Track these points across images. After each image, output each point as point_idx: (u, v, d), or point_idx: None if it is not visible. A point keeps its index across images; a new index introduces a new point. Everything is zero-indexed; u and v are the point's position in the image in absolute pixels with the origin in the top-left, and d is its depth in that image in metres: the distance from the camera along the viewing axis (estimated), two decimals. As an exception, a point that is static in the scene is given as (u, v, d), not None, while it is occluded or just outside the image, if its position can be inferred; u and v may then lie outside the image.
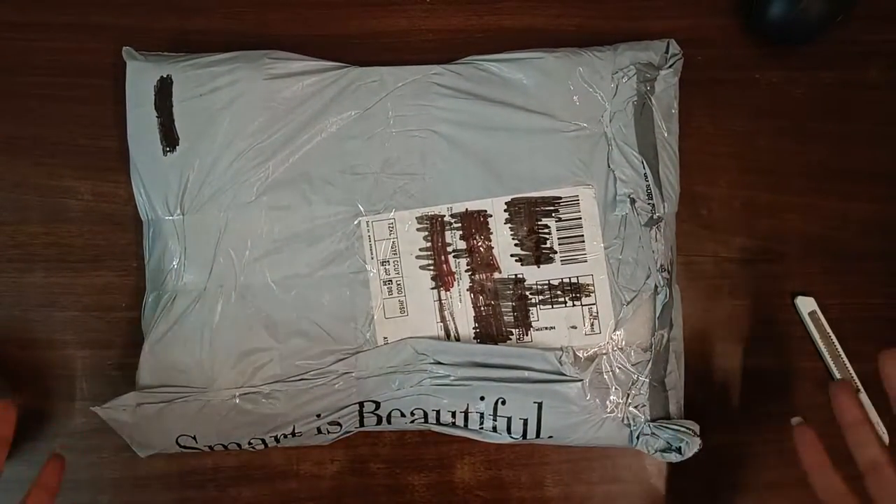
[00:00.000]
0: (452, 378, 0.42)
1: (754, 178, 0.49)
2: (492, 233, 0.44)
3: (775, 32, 0.48)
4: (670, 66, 0.44)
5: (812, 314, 0.48)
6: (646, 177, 0.43)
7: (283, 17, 0.49)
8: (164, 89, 0.43)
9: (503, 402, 0.43)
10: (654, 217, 0.43)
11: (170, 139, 0.43)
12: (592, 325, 0.43)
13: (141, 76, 0.44)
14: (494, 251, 0.44)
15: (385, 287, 0.43)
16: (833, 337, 0.47)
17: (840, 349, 0.47)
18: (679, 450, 0.42)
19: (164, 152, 0.43)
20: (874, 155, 0.49)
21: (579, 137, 0.44)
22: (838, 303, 0.48)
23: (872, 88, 0.49)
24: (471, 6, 0.49)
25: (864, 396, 0.47)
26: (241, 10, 0.49)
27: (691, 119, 0.47)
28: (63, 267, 0.47)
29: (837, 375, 0.47)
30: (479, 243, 0.44)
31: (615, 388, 0.43)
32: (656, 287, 0.43)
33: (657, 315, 0.43)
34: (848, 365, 0.47)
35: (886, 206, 0.49)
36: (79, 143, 0.48)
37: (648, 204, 0.43)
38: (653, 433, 0.42)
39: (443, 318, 0.43)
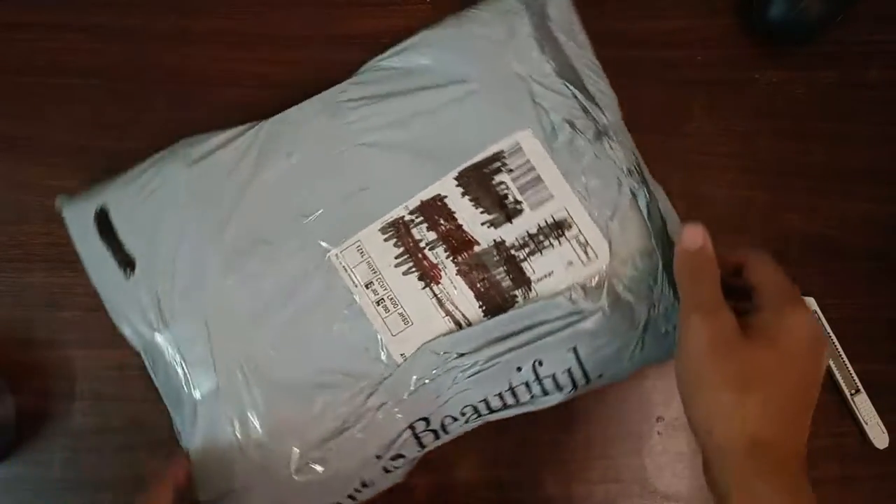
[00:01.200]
0: (481, 363, 0.41)
1: (754, 178, 0.49)
2: (454, 212, 0.43)
3: (775, 32, 0.48)
4: None
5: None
6: (575, 96, 0.43)
7: (284, 17, 0.49)
8: (102, 219, 0.42)
9: (540, 364, 0.41)
10: (599, 128, 0.43)
11: (125, 262, 0.42)
12: (587, 252, 0.42)
13: (78, 215, 0.43)
14: (465, 227, 0.43)
15: (380, 307, 0.43)
16: (833, 337, 0.47)
17: (840, 349, 0.47)
18: None
19: (126, 276, 0.42)
20: (874, 155, 0.49)
21: (495, 89, 0.43)
22: (838, 303, 0.48)
23: (872, 88, 0.50)
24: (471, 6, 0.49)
25: (863, 396, 0.47)
26: (241, 10, 0.49)
27: (691, 119, 0.47)
28: (63, 267, 0.47)
29: (838, 375, 0.47)
30: (448, 226, 0.43)
31: (637, 302, 0.41)
32: (632, 192, 0.42)
33: (647, 216, 0.42)
34: (848, 365, 0.47)
35: (886, 206, 0.49)
36: (79, 143, 0.48)
37: (589, 120, 0.43)
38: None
39: (447, 312, 0.43)
